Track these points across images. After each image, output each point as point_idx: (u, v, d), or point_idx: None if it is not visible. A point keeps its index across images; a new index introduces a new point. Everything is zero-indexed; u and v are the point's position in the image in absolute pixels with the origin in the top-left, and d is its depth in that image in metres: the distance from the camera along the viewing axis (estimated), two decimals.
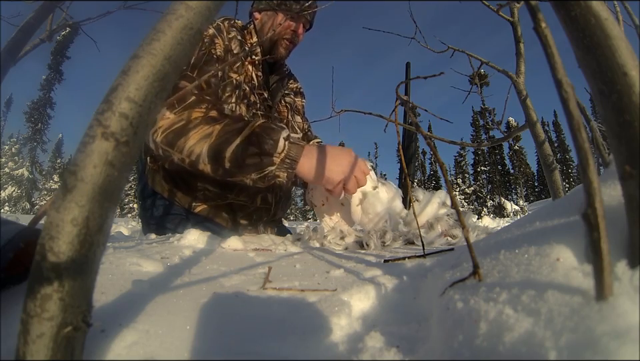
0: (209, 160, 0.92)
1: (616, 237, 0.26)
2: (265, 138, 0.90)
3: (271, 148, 0.90)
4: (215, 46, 1.13)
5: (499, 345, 0.21)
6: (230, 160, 0.91)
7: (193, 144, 0.92)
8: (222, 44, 1.16)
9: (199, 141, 0.92)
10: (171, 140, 0.95)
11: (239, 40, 1.22)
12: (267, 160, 0.90)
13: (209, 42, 1.13)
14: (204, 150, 0.92)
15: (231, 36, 1.21)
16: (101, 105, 0.23)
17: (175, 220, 1.21)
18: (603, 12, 0.25)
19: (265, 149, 0.90)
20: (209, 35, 1.14)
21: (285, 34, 1.26)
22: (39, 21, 0.86)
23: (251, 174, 0.92)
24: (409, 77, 1.44)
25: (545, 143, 1.25)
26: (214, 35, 1.15)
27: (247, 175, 0.93)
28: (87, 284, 0.23)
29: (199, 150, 0.92)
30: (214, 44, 1.13)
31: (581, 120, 0.24)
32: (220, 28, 1.18)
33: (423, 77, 0.66)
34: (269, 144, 0.90)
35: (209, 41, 1.13)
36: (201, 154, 0.92)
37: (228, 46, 1.18)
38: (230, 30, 1.22)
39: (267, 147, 0.90)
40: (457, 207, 0.36)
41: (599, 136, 1.10)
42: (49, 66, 24.84)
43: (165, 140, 0.96)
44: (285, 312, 0.37)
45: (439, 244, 0.86)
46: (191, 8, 0.26)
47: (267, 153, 0.90)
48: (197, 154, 0.93)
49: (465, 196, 25.69)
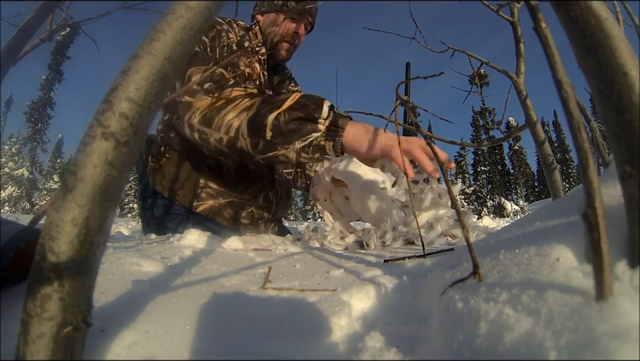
0: (248, 132, 0.88)
1: (616, 237, 0.26)
2: (308, 104, 0.86)
3: (315, 111, 0.85)
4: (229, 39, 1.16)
5: (499, 345, 0.21)
6: (272, 129, 0.85)
7: (232, 118, 0.89)
8: (235, 38, 1.19)
9: (238, 114, 0.89)
10: (209, 118, 0.92)
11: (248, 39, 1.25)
12: (312, 126, 0.85)
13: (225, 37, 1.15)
14: (244, 122, 0.88)
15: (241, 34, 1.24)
16: (100, 105, 0.23)
17: (175, 220, 1.21)
18: (603, 12, 0.25)
19: (309, 112, 0.85)
20: (224, 30, 1.17)
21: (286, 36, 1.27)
22: (39, 21, 0.86)
23: (294, 142, 0.86)
24: (408, 77, 1.44)
25: (545, 143, 1.25)
26: (228, 30, 1.18)
27: (289, 144, 0.86)
28: (86, 284, 0.23)
29: (237, 123, 0.88)
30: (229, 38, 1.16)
31: (581, 120, 0.24)
32: (232, 24, 1.22)
33: (423, 77, 0.66)
34: (312, 108, 0.85)
35: (225, 35, 1.16)
36: (240, 127, 0.88)
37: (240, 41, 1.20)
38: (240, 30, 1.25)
39: (310, 110, 0.85)
40: (457, 207, 0.36)
41: (599, 136, 1.10)
42: (49, 66, 24.83)
43: (203, 120, 0.92)
44: (285, 312, 0.37)
45: (439, 244, 0.86)
46: (191, 8, 0.26)
47: (311, 118, 0.85)
48: (235, 128, 0.89)
49: (465, 196, 25.69)
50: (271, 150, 0.88)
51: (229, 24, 1.20)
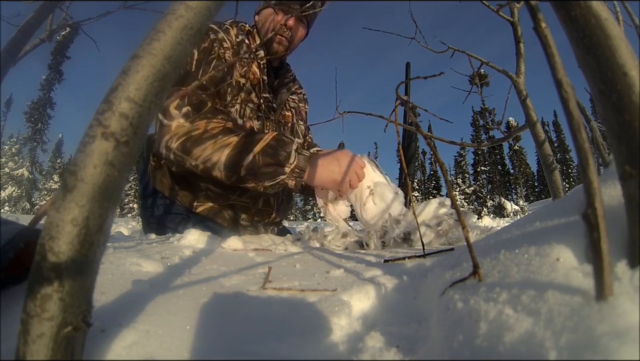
0: (224, 168, 0.99)
1: (616, 237, 0.26)
2: (279, 150, 0.99)
3: (284, 159, 0.98)
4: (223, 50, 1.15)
5: (499, 345, 0.21)
6: (246, 169, 0.98)
7: (210, 153, 0.99)
8: (231, 48, 1.17)
9: (216, 150, 0.99)
10: (188, 147, 1.00)
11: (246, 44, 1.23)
12: (280, 170, 0.99)
13: (218, 47, 1.14)
14: (222, 159, 0.98)
15: (239, 40, 1.21)
16: (100, 105, 0.23)
17: (175, 220, 1.21)
18: (603, 12, 0.25)
19: (279, 160, 0.98)
20: (218, 39, 1.15)
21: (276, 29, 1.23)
22: (39, 21, 0.86)
23: (264, 181, 1.01)
24: (409, 77, 1.44)
25: (545, 143, 1.25)
26: (222, 39, 1.16)
27: (259, 183, 1.01)
28: (86, 284, 0.23)
29: (215, 159, 0.99)
30: (222, 47, 1.15)
31: (581, 120, 0.24)
32: (229, 32, 1.19)
33: (423, 77, 0.66)
34: (282, 155, 0.98)
35: (218, 45, 1.14)
36: (217, 163, 0.99)
37: (237, 50, 1.19)
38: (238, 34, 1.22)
39: (281, 158, 0.98)
40: (456, 207, 0.36)
41: (599, 136, 1.10)
42: (49, 66, 24.83)
43: (181, 147, 1.01)
44: (285, 312, 0.37)
45: (439, 244, 0.86)
46: (191, 8, 0.26)
47: (280, 164, 0.98)
48: (213, 162, 0.99)
49: (465, 196, 25.69)
50: (243, 183, 1.03)
51: (225, 31, 1.17)
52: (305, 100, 1.54)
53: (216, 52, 1.13)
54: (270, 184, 1.01)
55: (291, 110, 1.41)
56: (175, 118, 1.01)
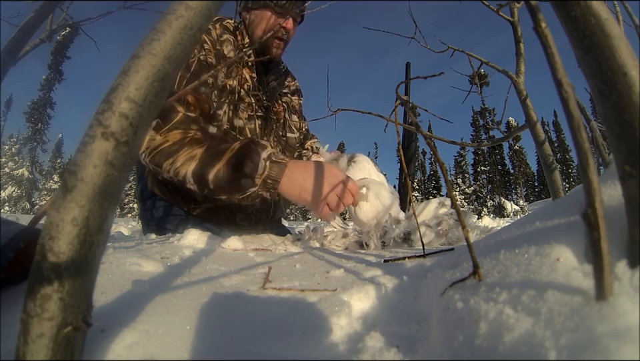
0: (194, 181, 0.95)
1: (616, 237, 0.26)
2: (245, 161, 0.90)
3: (252, 171, 0.90)
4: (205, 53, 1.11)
5: (499, 345, 0.21)
6: (213, 183, 0.92)
7: (178, 167, 0.95)
8: (213, 49, 1.13)
9: (183, 164, 0.94)
10: (157, 161, 0.97)
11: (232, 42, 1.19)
12: (249, 182, 0.91)
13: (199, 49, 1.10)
14: (188, 173, 0.94)
15: (223, 39, 1.18)
16: (101, 105, 0.23)
17: (174, 221, 1.21)
18: (602, 12, 0.25)
19: (246, 172, 0.90)
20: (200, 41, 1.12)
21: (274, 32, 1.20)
22: (39, 21, 0.86)
23: (234, 195, 0.94)
24: (409, 77, 1.44)
25: (545, 143, 1.25)
26: (204, 41, 1.12)
27: (231, 195, 0.95)
28: (86, 284, 0.23)
29: (184, 172, 0.95)
30: (204, 50, 1.11)
31: (581, 120, 0.24)
32: (210, 33, 1.15)
33: (423, 77, 0.66)
34: (249, 167, 0.90)
35: (199, 48, 1.10)
36: (186, 176, 0.95)
37: (220, 51, 1.15)
38: (223, 33, 1.19)
39: (247, 170, 0.90)
40: (456, 207, 0.36)
41: (599, 136, 1.10)
42: (49, 66, 24.82)
43: (152, 160, 0.98)
44: (285, 312, 0.37)
45: (439, 244, 0.86)
46: (191, 8, 0.26)
47: (247, 176, 0.90)
48: (182, 175, 0.95)
49: (465, 196, 25.69)
50: (217, 196, 0.97)
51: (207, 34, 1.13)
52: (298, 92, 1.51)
53: (196, 55, 1.08)
54: (242, 197, 0.94)
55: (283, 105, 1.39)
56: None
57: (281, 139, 1.36)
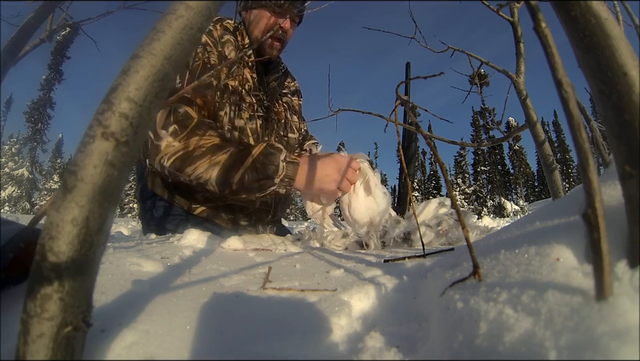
0: (216, 184, 1.01)
1: (616, 237, 0.26)
2: (267, 165, 1.00)
3: (273, 172, 1.00)
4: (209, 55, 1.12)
5: (499, 345, 0.21)
6: (237, 184, 1.01)
7: (201, 172, 1.01)
8: (215, 51, 1.14)
9: (207, 169, 1.00)
10: (179, 166, 1.02)
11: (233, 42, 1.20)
12: (269, 183, 1.01)
13: (202, 51, 1.11)
14: (212, 177, 1.01)
15: (224, 40, 1.18)
16: (101, 105, 0.23)
17: (174, 221, 1.21)
18: (602, 12, 0.25)
19: (268, 174, 1.00)
20: (202, 43, 1.12)
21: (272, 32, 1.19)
22: (39, 21, 0.86)
23: (255, 194, 1.03)
24: (408, 77, 1.44)
25: (545, 143, 1.25)
26: (207, 43, 1.13)
27: (251, 195, 1.04)
28: (86, 284, 0.23)
29: (207, 177, 1.01)
30: (207, 52, 1.12)
31: (581, 120, 0.24)
32: (212, 34, 1.16)
33: (423, 77, 0.66)
34: (270, 169, 1.00)
35: (202, 50, 1.12)
36: (209, 180, 1.01)
37: (222, 52, 1.16)
38: (224, 34, 1.19)
39: (269, 172, 1.00)
40: (456, 207, 0.36)
41: (599, 136, 1.10)
42: (49, 66, 24.81)
43: (173, 166, 1.02)
44: (285, 312, 0.37)
45: (439, 244, 0.86)
46: (191, 8, 0.26)
47: (269, 177, 1.00)
48: (205, 179, 1.01)
49: (465, 196, 25.69)
50: (237, 195, 1.06)
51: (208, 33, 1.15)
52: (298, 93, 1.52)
53: (200, 57, 1.10)
54: (261, 195, 1.04)
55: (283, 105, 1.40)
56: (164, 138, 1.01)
57: (282, 139, 1.36)
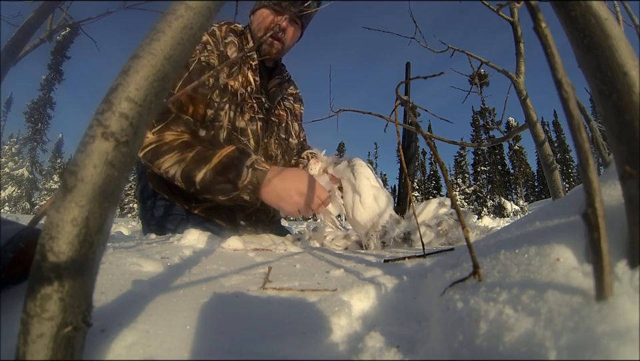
0: (182, 180, 1.02)
1: (616, 237, 0.26)
2: (229, 168, 0.99)
3: (235, 177, 0.99)
4: (208, 54, 1.13)
5: (499, 345, 0.21)
6: (200, 184, 1.01)
7: (168, 166, 1.02)
8: (216, 51, 1.15)
9: (172, 165, 1.02)
10: (149, 158, 1.04)
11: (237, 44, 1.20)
12: (231, 187, 1.00)
13: (201, 50, 1.12)
14: (177, 173, 1.02)
15: (228, 41, 1.19)
16: (101, 105, 0.23)
17: (175, 221, 1.21)
18: (602, 12, 0.25)
19: (229, 178, 0.99)
20: (202, 42, 1.13)
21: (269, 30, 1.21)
22: (39, 21, 0.86)
23: (218, 196, 1.03)
24: (408, 77, 1.44)
25: (545, 143, 1.25)
26: (207, 42, 1.14)
27: (215, 196, 1.04)
28: (86, 284, 0.23)
29: (173, 172, 1.02)
30: (207, 51, 1.13)
31: (581, 120, 0.24)
32: (215, 34, 1.17)
33: (423, 77, 0.66)
34: (232, 173, 0.99)
35: (201, 48, 1.13)
36: (175, 176, 1.02)
37: (223, 52, 1.17)
38: (227, 35, 1.20)
39: (230, 176, 0.99)
40: (456, 207, 0.36)
41: (599, 136, 1.10)
42: (49, 66, 24.81)
43: (145, 157, 1.05)
44: (285, 312, 0.37)
45: (439, 244, 0.86)
46: (190, 9, 0.26)
47: (230, 181, 0.99)
48: (172, 174, 1.03)
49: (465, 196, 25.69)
50: (201, 195, 1.07)
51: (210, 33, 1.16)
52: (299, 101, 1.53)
53: (197, 55, 1.11)
54: (225, 199, 1.03)
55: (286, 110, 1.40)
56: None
57: (283, 142, 1.36)
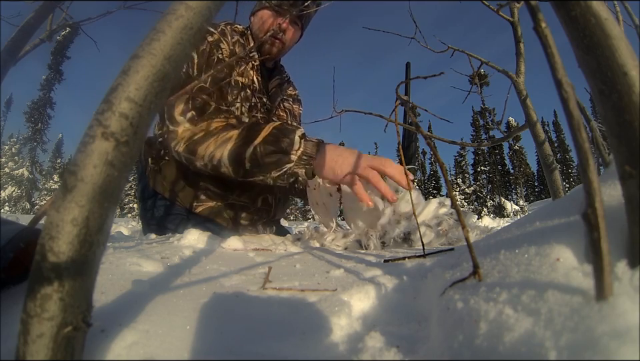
0: (229, 162, 0.97)
1: (616, 237, 0.26)
2: (281, 138, 0.94)
3: (288, 146, 0.94)
4: (221, 51, 1.15)
5: (499, 345, 0.21)
6: (250, 160, 0.95)
7: (213, 150, 0.98)
8: (227, 48, 1.17)
9: (219, 146, 0.98)
10: (192, 149, 1.01)
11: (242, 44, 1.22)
12: (285, 158, 0.94)
13: (216, 47, 1.14)
14: (225, 154, 0.97)
15: (234, 40, 1.21)
16: (101, 105, 0.23)
17: (175, 220, 1.21)
18: (602, 12, 0.25)
19: (282, 147, 0.94)
20: (215, 40, 1.15)
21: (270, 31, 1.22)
22: (39, 21, 0.86)
23: (270, 172, 0.96)
24: (408, 77, 1.44)
25: (545, 143, 1.25)
26: (219, 40, 1.16)
27: (267, 174, 0.97)
28: (86, 284, 0.23)
29: (219, 155, 0.98)
30: (220, 49, 1.15)
31: (581, 120, 0.24)
32: (224, 33, 1.19)
33: (423, 77, 0.66)
34: (285, 142, 0.94)
35: (216, 46, 1.14)
36: (222, 158, 0.97)
37: (233, 50, 1.19)
38: (233, 34, 1.22)
39: (284, 145, 0.94)
40: (456, 207, 0.36)
41: (599, 136, 1.10)
42: (49, 66, 24.83)
43: (187, 150, 1.02)
44: (285, 312, 0.37)
45: (439, 244, 0.86)
46: (191, 8, 0.26)
47: (284, 151, 0.94)
48: (217, 158, 0.98)
49: (465, 196, 25.69)
50: (251, 176, 1.00)
51: (221, 33, 1.18)
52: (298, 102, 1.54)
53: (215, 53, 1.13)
54: (277, 175, 0.96)
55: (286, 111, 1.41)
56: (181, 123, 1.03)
57: None
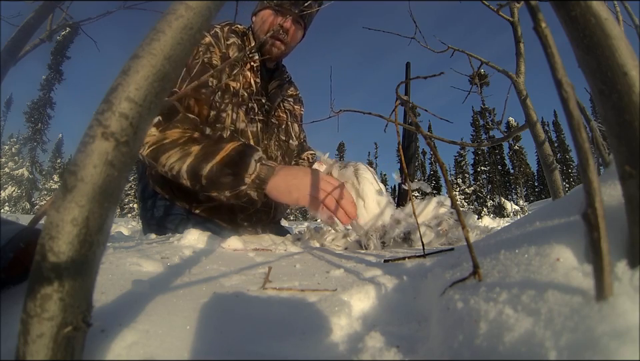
0: (187, 176, 1.00)
1: (616, 237, 0.26)
2: (237, 161, 0.97)
3: (243, 170, 0.97)
4: (210, 55, 1.13)
5: (499, 345, 0.21)
6: (206, 178, 0.98)
7: (173, 162, 1.00)
8: (218, 52, 1.16)
9: (179, 159, 0.99)
10: (154, 156, 1.02)
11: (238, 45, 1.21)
12: (239, 181, 0.97)
13: (204, 51, 1.13)
14: (183, 168, 0.99)
15: (230, 42, 1.19)
16: (101, 105, 0.23)
17: (175, 220, 1.21)
18: (602, 12, 0.25)
19: (237, 171, 0.97)
20: (205, 43, 1.14)
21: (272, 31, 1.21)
22: (39, 21, 0.86)
23: (224, 191, 0.99)
24: (408, 77, 1.44)
25: (545, 143, 1.25)
26: (210, 44, 1.15)
27: (221, 192, 1.00)
28: (86, 284, 0.23)
29: (178, 168, 1.00)
30: (210, 52, 1.13)
31: (581, 120, 0.24)
32: (217, 35, 1.17)
33: (423, 77, 0.66)
34: (240, 166, 0.97)
35: (204, 50, 1.13)
36: (180, 171, 1.00)
37: (226, 54, 1.17)
38: (229, 36, 1.20)
39: (238, 169, 0.97)
40: (456, 207, 0.36)
41: (599, 136, 1.10)
42: (49, 66, 24.85)
43: (150, 155, 1.03)
44: (285, 312, 0.37)
45: (439, 244, 0.86)
46: (191, 9, 0.26)
47: (238, 174, 0.97)
48: (176, 170, 1.00)
49: (465, 196, 25.70)
50: (207, 192, 1.03)
51: (213, 35, 1.17)
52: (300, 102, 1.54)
53: (200, 56, 1.12)
54: (230, 195, 0.99)
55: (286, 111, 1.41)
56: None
57: (283, 143, 1.36)
